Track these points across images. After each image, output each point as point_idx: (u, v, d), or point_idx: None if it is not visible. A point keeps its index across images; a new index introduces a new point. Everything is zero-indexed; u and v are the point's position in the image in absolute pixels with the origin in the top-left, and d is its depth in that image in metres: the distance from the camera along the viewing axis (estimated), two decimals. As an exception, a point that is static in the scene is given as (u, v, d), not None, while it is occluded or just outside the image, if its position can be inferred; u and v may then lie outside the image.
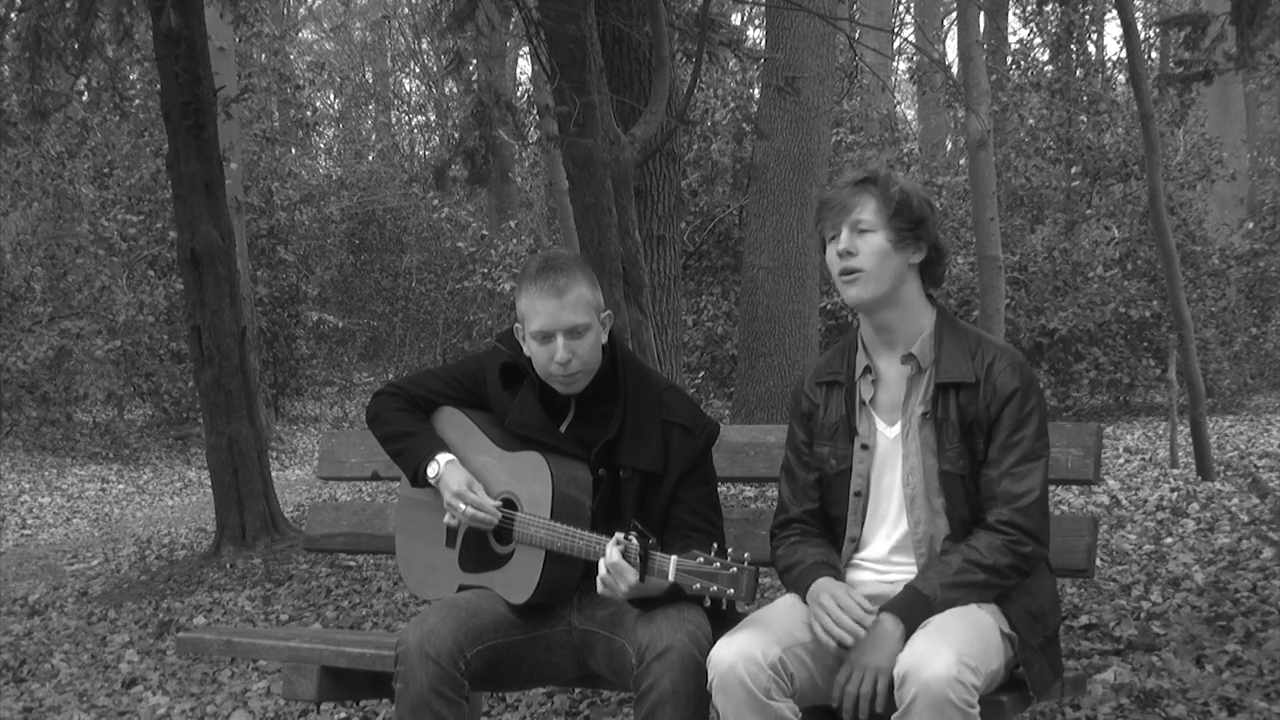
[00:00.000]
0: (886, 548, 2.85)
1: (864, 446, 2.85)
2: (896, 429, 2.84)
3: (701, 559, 2.70)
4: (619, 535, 2.81)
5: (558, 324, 2.96)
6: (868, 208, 2.79)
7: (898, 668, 2.54)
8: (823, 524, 2.93)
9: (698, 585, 2.69)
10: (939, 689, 2.45)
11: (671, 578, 2.72)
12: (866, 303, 2.81)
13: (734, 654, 2.62)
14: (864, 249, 2.78)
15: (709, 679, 2.65)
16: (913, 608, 2.65)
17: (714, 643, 2.81)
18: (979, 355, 2.80)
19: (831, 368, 2.94)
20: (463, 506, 3.03)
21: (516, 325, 3.09)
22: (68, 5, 7.89)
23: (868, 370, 2.87)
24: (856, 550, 2.88)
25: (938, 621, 2.61)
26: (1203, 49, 5.94)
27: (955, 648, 2.50)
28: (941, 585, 2.66)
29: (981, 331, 2.90)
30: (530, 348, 3.05)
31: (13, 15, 8.07)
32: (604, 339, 3.07)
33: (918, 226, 2.81)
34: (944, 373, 2.79)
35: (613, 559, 2.77)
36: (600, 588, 2.81)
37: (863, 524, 2.87)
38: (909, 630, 2.62)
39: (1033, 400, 2.76)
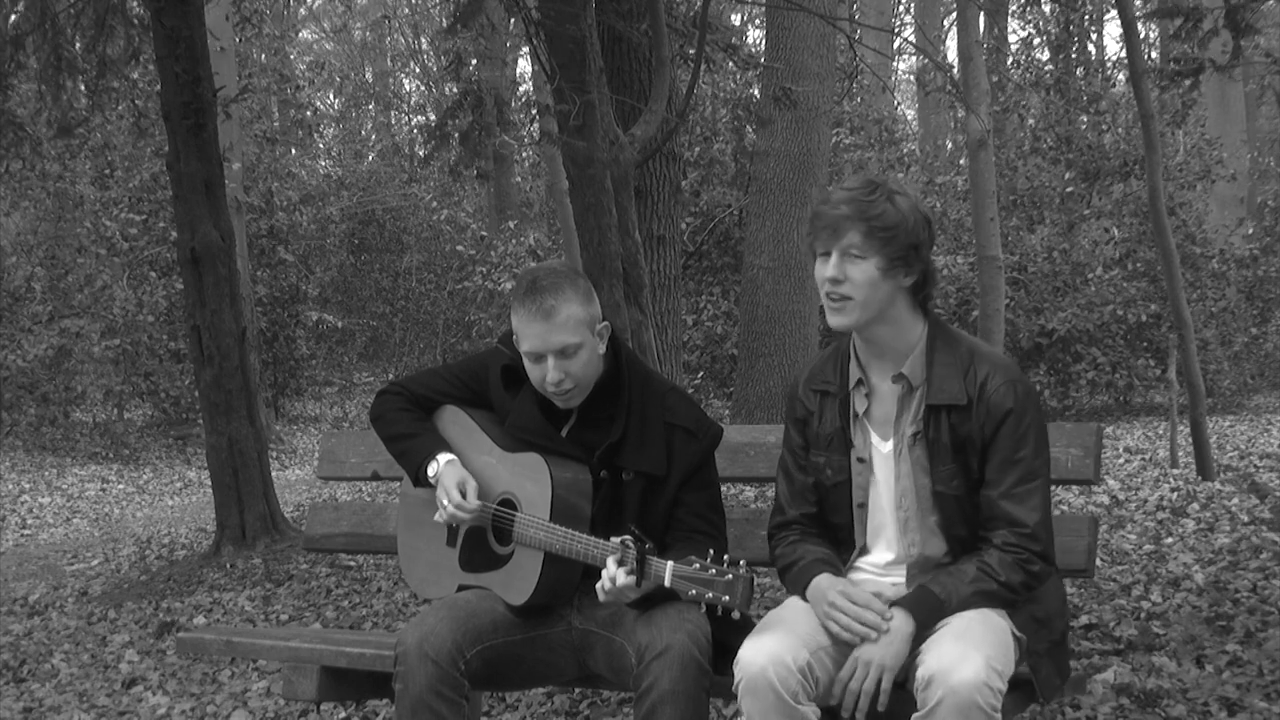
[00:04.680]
0: (885, 560, 2.83)
1: (860, 460, 2.82)
2: (890, 445, 2.80)
3: (698, 565, 2.70)
4: (616, 542, 2.81)
5: (547, 346, 2.96)
6: (859, 232, 2.67)
7: (923, 669, 2.51)
8: (821, 527, 2.90)
9: (693, 591, 2.69)
10: (967, 694, 2.43)
11: (668, 584, 2.72)
12: (851, 329, 2.76)
13: (765, 657, 2.58)
14: (854, 276, 2.68)
15: (736, 680, 2.62)
16: (927, 606, 2.63)
17: (713, 642, 2.82)
18: (971, 372, 2.72)
19: (825, 376, 2.88)
20: (445, 502, 3.03)
21: (515, 335, 3.09)
22: (82, 21, 7.95)
23: (860, 383, 2.82)
24: (861, 556, 2.87)
25: (959, 625, 2.58)
26: (1196, 40, 5.94)
27: (984, 652, 2.48)
28: (956, 589, 2.64)
29: (976, 343, 2.83)
30: (525, 364, 3.05)
31: (30, 36, 8.13)
32: (601, 349, 3.06)
33: (910, 253, 2.70)
34: (935, 394, 2.73)
35: (621, 582, 2.76)
36: (601, 596, 2.82)
37: (866, 535, 2.85)
38: (920, 629, 2.60)
39: (1029, 418, 2.70)
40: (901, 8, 28.66)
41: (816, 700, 2.63)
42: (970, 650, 2.48)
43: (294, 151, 23.15)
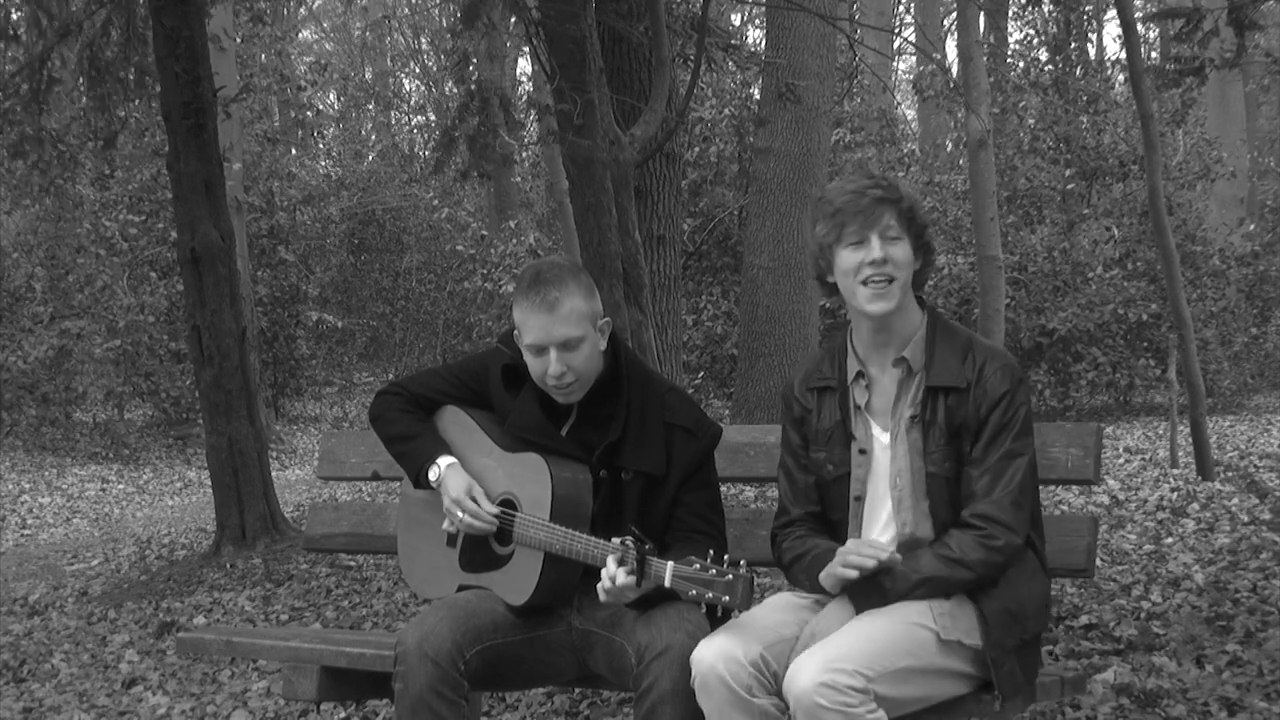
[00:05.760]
0: None
1: (862, 451, 2.85)
2: (889, 434, 2.84)
3: (698, 565, 2.70)
4: (616, 542, 2.81)
5: (550, 338, 2.96)
6: (893, 215, 2.78)
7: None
8: (824, 524, 2.93)
9: (693, 592, 2.69)
10: (808, 700, 2.51)
11: (668, 584, 2.73)
12: (892, 313, 2.79)
13: (713, 654, 2.64)
14: (896, 256, 2.77)
15: (691, 678, 2.67)
16: (867, 592, 2.69)
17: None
18: (970, 358, 2.79)
19: (822, 372, 2.93)
20: (460, 514, 3.03)
21: (516, 331, 3.09)
22: (110, 31, 7.96)
23: (860, 375, 2.87)
24: None
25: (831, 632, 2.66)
26: (1195, 42, 5.94)
27: (822, 654, 2.56)
28: (904, 577, 2.69)
29: (973, 333, 2.90)
30: (526, 358, 3.05)
31: (55, 49, 8.15)
32: (602, 345, 3.07)
33: (925, 233, 2.85)
34: (935, 376, 2.79)
35: (621, 581, 2.77)
36: (601, 596, 2.82)
37: (861, 528, 2.87)
38: (858, 611, 2.68)
39: (1019, 401, 2.77)
40: (901, 8, 28.67)
41: (780, 694, 2.65)
42: (807, 656, 2.57)
43: (294, 151, 23.14)
